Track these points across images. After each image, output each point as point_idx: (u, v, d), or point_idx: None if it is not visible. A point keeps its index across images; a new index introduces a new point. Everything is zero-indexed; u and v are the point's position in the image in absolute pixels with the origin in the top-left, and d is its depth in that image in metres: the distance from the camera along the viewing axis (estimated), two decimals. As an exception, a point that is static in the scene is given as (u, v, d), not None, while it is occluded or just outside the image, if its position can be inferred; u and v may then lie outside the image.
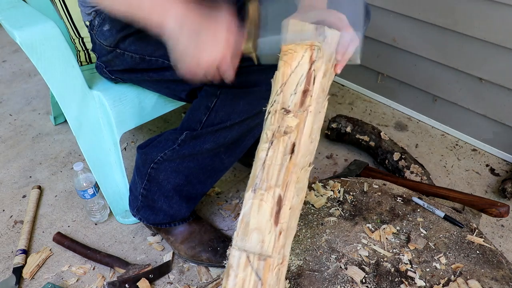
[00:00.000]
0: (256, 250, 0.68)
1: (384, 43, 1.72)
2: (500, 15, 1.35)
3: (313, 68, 0.71)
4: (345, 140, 1.60)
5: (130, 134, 1.70)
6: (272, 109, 0.72)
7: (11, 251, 1.22)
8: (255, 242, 0.68)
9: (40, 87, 2.02)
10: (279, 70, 0.73)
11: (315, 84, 0.72)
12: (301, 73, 0.72)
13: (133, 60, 0.96)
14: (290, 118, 0.70)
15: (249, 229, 0.68)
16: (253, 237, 0.68)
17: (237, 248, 0.69)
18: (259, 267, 0.68)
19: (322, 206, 1.10)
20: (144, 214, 1.14)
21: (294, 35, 0.72)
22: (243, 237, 0.68)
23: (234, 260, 0.69)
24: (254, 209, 0.68)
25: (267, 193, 0.68)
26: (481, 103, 1.56)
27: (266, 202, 0.68)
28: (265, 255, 0.68)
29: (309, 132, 0.72)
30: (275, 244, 0.68)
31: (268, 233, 0.68)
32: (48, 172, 1.51)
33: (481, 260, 0.95)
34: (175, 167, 1.02)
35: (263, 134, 0.72)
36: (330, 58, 0.75)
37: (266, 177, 0.69)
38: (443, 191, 1.23)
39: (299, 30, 0.72)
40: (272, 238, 0.67)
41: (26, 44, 0.92)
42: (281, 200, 0.68)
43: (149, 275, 1.11)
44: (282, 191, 0.69)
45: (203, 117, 0.92)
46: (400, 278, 0.91)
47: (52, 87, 1.01)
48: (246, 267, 0.68)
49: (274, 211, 0.68)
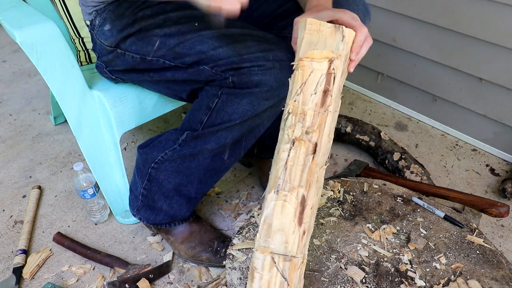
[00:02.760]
0: (281, 251, 0.68)
1: (384, 43, 1.72)
2: (500, 15, 1.35)
3: (333, 67, 0.71)
4: (345, 140, 1.60)
5: (130, 134, 1.70)
6: (292, 109, 0.71)
7: (11, 251, 1.22)
8: (279, 243, 0.68)
9: (40, 87, 2.01)
10: (298, 70, 0.72)
11: (334, 83, 0.71)
12: (320, 73, 0.71)
13: (134, 60, 0.96)
14: (310, 119, 0.70)
15: (272, 231, 0.68)
16: (276, 238, 0.68)
17: (261, 250, 0.69)
18: (285, 268, 0.68)
19: (322, 206, 1.10)
20: (144, 214, 1.14)
21: (310, 44, 0.72)
22: (266, 238, 0.68)
23: (258, 262, 0.69)
24: (277, 210, 0.68)
25: (291, 194, 0.68)
26: (481, 103, 1.56)
27: (290, 203, 0.68)
28: (290, 255, 0.68)
29: (328, 131, 0.72)
30: (299, 244, 0.68)
31: (292, 234, 0.68)
32: (48, 172, 1.51)
33: (481, 260, 0.95)
34: (176, 167, 1.02)
35: (284, 134, 0.71)
36: (347, 57, 0.75)
37: (289, 178, 0.69)
38: (443, 191, 1.23)
39: (316, 29, 0.72)
40: (296, 239, 0.68)
41: (26, 44, 0.92)
42: (304, 200, 0.69)
43: (149, 275, 1.11)
44: (306, 191, 0.69)
45: (204, 117, 0.92)
46: (400, 278, 0.91)
47: (52, 87, 1.01)
48: (272, 268, 0.69)
49: (297, 211, 0.68)
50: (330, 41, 0.72)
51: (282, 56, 0.84)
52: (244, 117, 0.89)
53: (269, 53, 0.83)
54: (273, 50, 0.84)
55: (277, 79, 0.83)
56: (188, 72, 0.91)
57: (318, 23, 0.72)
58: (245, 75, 0.84)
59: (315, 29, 0.72)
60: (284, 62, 0.83)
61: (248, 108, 0.88)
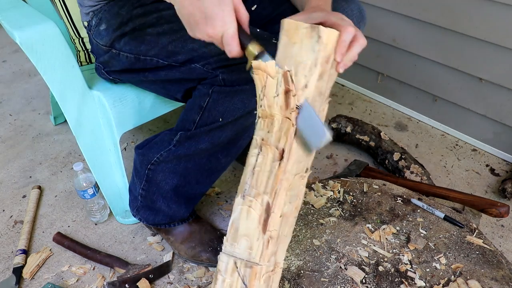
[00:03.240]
0: (244, 256, 0.67)
1: (384, 43, 1.72)
2: (500, 15, 1.35)
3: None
4: (345, 140, 1.60)
5: (130, 134, 1.70)
6: (261, 113, 0.69)
7: (11, 251, 1.22)
8: (244, 248, 0.67)
9: (40, 87, 2.01)
10: (253, 74, 0.70)
11: (308, 84, 0.68)
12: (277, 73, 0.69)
13: (129, 60, 0.96)
14: (278, 123, 0.67)
15: (238, 235, 0.67)
16: (242, 243, 0.67)
17: (226, 253, 0.68)
18: (246, 274, 0.67)
19: (322, 206, 1.10)
20: (144, 214, 1.14)
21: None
22: (232, 242, 0.68)
23: (222, 265, 0.68)
24: (243, 215, 0.67)
25: (255, 200, 0.67)
26: (481, 103, 1.56)
27: (254, 209, 0.67)
28: (252, 262, 0.67)
29: None
30: (263, 252, 0.67)
31: (256, 240, 0.66)
32: (48, 172, 1.51)
33: (481, 260, 0.95)
34: (172, 168, 1.01)
35: (254, 139, 0.69)
36: (328, 59, 0.72)
37: (255, 184, 0.67)
38: (443, 191, 1.23)
39: (294, 29, 0.70)
40: (260, 246, 0.66)
41: (26, 44, 0.92)
42: (269, 208, 0.67)
43: (149, 275, 1.11)
44: (271, 199, 0.66)
45: (197, 116, 0.92)
46: (400, 278, 0.91)
47: (52, 87, 1.01)
48: (233, 273, 0.68)
49: (262, 218, 0.67)
50: (306, 42, 0.69)
51: (272, 52, 0.82)
52: (236, 116, 0.89)
53: None
54: (263, 46, 0.82)
55: None
56: (181, 70, 0.91)
57: (295, 24, 0.70)
58: (235, 72, 0.83)
59: (293, 30, 0.70)
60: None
61: (239, 106, 0.87)
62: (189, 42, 0.87)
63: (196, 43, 0.86)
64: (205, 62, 0.86)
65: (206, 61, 0.85)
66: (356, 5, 1.02)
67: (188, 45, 0.87)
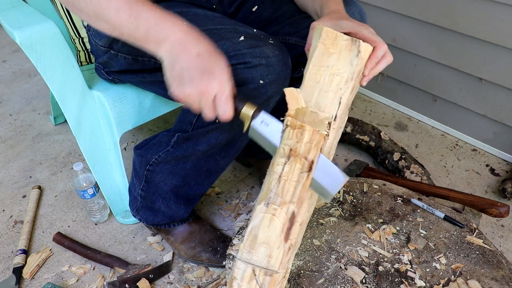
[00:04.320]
0: (263, 264, 0.66)
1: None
2: (500, 15, 1.35)
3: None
4: (345, 140, 1.60)
5: (130, 134, 1.70)
6: (289, 122, 0.68)
7: (11, 251, 1.22)
8: (262, 256, 0.66)
9: (40, 87, 2.01)
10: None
11: (341, 104, 0.69)
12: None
13: (127, 61, 0.96)
14: (309, 134, 0.67)
15: (257, 243, 0.66)
16: (260, 251, 0.66)
17: (243, 260, 0.67)
18: (265, 282, 0.67)
19: (322, 206, 1.10)
20: (144, 214, 1.14)
21: None
22: (249, 249, 0.67)
23: (238, 273, 0.68)
24: (265, 223, 0.67)
25: (281, 208, 0.66)
26: (481, 103, 1.56)
27: (279, 218, 0.66)
28: (272, 270, 0.66)
29: (328, 149, 0.70)
30: (283, 260, 0.67)
31: (277, 249, 0.66)
32: (48, 172, 1.51)
33: (481, 260, 0.95)
34: (171, 168, 1.01)
35: (281, 147, 0.69)
36: (359, 73, 0.72)
37: (281, 193, 0.67)
38: (443, 191, 1.23)
39: (332, 40, 0.70)
40: (280, 254, 0.66)
41: (26, 44, 0.92)
42: (294, 217, 0.67)
43: (149, 275, 1.11)
44: (297, 208, 0.67)
45: (193, 118, 0.91)
46: (400, 278, 0.91)
47: (52, 87, 1.01)
48: (251, 281, 0.67)
49: (285, 227, 0.67)
50: (345, 54, 0.69)
51: (269, 53, 0.81)
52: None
53: (255, 49, 0.80)
54: (260, 47, 0.81)
55: (264, 77, 0.81)
56: None
57: (335, 33, 0.69)
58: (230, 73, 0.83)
59: (331, 39, 0.70)
60: (271, 59, 0.81)
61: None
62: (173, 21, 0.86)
63: None
64: None
65: None
66: (356, 8, 1.01)
67: None
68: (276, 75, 0.81)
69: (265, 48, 0.82)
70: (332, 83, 0.70)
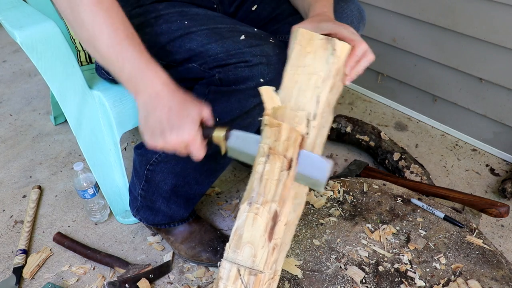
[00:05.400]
0: (248, 264, 0.66)
1: (384, 43, 1.72)
2: (500, 15, 1.35)
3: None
4: (345, 140, 1.60)
5: (130, 134, 1.70)
6: (267, 121, 0.69)
7: (11, 251, 1.22)
8: (247, 256, 0.66)
9: (40, 87, 2.02)
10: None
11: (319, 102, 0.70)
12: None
13: None
14: (286, 133, 0.68)
15: (242, 242, 0.67)
16: (245, 250, 0.67)
17: (228, 260, 0.68)
18: (249, 282, 0.67)
19: (322, 206, 1.11)
20: (144, 214, 1.14)
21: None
22: (235, 249, 0.67)
23: (224, 272, 0.68)
24: (248, 223, 0.67)
25: (263, 207, 0.67)
26: (481, 103, 1.56)
27: (261, 217, 0.67)
28: (257, 270, 0.66)
29: (311, 148, 0.70)
30: (268, 260, 0.66)
31: (261, 248, 0.66)
32: (48, 172, 1.51)
33: (481, 260, 0.95)
34: (171, 168, 1.01)
35: (260, 146, 0.69)
36: (338, 72, 0.72)
37: (263, 191, 0.67)
38: (443, 191, 1.23)
39: (308, 40, 0.71)
40: (265, 254, 0.66)
41: (26, 44, 0.92)
42: (276, 216, 0.67)
43: (149, 275, 1.11)
44: (279, 207, 0.67)
45: None
46: (400, 278, 0.91)
47: (52, 87, 1.01)
48: (236, 280, 0.67)
49: (268, 226, 0.66)
50: (320, 53, 0.70)
51: (269, 51, 0.82)
52: (233, 116, 0.88)
53: (256, 48, 0.81)
54: (260, 45, 0.82)
55: (264, 75, 0.82)
56: (178, 70, 0.90)
57: (310, 34, 0.71)
58: (231, 71, 0.83)
59: (307, 40, 0.71)
60: (271, 58, 0.82)
61: (236, 106, 0.87)
62: (187, 42, 0.87)
63: (193, 43, 0.86)
64: (202, 61, 0.86)
65: (203, 61, 0.85)
66: (355, 5, 1.02)
67: (185, 45, 0.87)
68: (276, 74, 0.82)
69: (266, 47, 0.82)
70: (309, 82, 0.71)
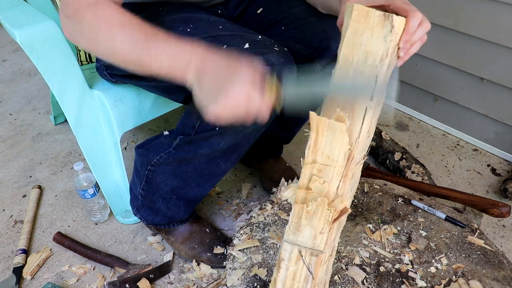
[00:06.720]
0: (308, 245, 0.67)
1: (385, 43, 1.72)
2: (502, 15, 1.35)
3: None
4: (346, 140, 1.59)
5: (130, 134, 1.70)
6: None
7: (11, 251, 1.22)
8: (308, 237, 0.67)
9: (40, 87, 2.01)
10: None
11: (381, 77, 0.68)
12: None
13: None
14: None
15: (301, 224, 0.67)
16: (306, 232, 0.67)
17: (289, 242, 0.68)
18: (311, 262, 0.68)
19: (323, 206, 1.10)
20: (144, 214, 1.14)
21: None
22: (295, 231, 0.68)
23: (285, 254, 0.69)
24: None
25: None
26: (482, 103, 1.56)
27: None
28: (318, 250, 0.67)
29: (367, 128, 0.69)
30: (328, 240, 0.67)
31: (321, 231, 0.67)
32: (48, 172, 1.51)
33: (482, 261, 0.94)
34: (172, 170, 1.01)
35: None
36: (395, 48, 0.70)
37: None
38: (444, 191, 1.23)
39: (363, 17, 0.67)
40: (325, 234, 0.67)
41: (26, 44, 0.92)
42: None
43: (150, 275, 1.10)
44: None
45: (196, 122, 0.90)
46: (401, 279, 0.90)
47: (52, 86, 1.01)
48: (298, 261, 0.69)
49: None
50: (378, 30, 0.67)
51: (274, 61, 0.80)
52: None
53: (260, 57, 0.79)
54: (265, 54, 0.80)
55: None
56: None
57: (366, 10, 0.67)
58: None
59: (362, 16, 0.67)
60: (276, 67, 0.80)
61: None
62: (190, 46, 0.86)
63: None
64: None
65: None
66: None
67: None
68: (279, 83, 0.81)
69: (270, 56, 0.81)
70: (366, 62, 0.68)
